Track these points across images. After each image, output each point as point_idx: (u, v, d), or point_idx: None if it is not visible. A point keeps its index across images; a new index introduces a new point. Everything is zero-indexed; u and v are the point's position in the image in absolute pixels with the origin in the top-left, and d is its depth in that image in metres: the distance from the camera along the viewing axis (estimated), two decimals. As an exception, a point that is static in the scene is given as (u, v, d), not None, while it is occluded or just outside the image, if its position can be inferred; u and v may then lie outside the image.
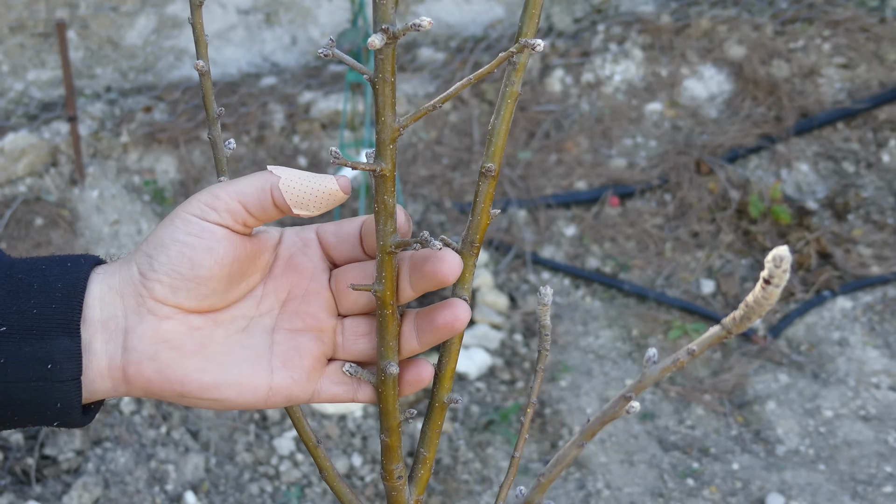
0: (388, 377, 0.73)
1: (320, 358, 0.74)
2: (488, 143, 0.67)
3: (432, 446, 0.77)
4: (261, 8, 4.08)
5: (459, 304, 0.70)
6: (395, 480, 0.77)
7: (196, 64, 0.69)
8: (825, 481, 2.82)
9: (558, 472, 0.63)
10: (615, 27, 4.33)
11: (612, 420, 0.58)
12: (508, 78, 0.65)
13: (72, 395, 0.68)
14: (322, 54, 0.60)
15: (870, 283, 3.51)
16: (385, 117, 0.63)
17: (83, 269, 0.69)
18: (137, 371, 0.69)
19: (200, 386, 0.70)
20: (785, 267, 0.50)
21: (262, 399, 0.72)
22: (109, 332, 0.69)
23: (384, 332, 0.72)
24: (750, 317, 0.52)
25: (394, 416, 0.75)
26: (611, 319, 3.43)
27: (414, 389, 0.74)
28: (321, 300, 0.74)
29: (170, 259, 0.68)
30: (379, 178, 0.66)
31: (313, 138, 3.91)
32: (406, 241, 0.68)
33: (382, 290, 0.70)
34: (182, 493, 2.69)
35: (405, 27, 0.58)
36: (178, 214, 0.69)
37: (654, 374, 0.56)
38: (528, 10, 0.61)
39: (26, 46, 3.78)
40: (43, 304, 0.67)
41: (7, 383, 0.66)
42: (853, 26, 4.26)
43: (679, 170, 3.86)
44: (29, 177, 3.57)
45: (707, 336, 0.55)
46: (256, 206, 0.69)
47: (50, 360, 0.66)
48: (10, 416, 0.68)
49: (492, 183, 0.68)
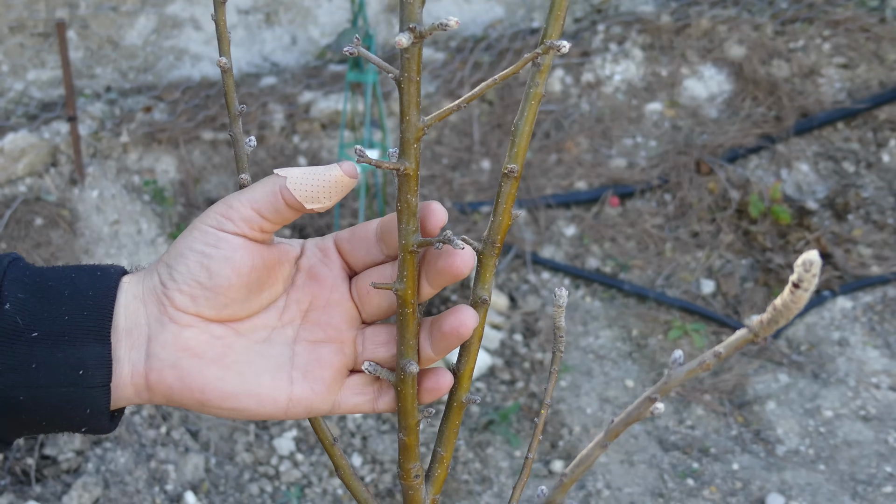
0: (408, 376, 0.73)
1: (341, 369, 0.74)
2: (511, 144, 0.67)
3: (449, 446, 0.78)
4: (261, 8, 4.08)
5: (465, 310, 0.71)
6: (412, 479, 0.77)
7: (219, 61, 0.70)
8: (825, 481, 2.82)
9: (581, 473, 0.63)
10: (615, 27, 4.33)
11: (636, 421, 0.58)
12: (532, 79, 0.65)
13: (101, 401, 0.68)
14: (348, 52, 0.60)
15: (870, 283, 3.51)
16: (410, 116, 0.63)
17: (112, 279, 0.70)
18: (159, 378, 0.70)
19: (221, 395, 0.71)
20: (815, 271, 0.50)
21: (281, 410, 0.73)
22: (133, 340, 0.70)
23: (404, 331, 0.72)
24: (777, 320, 0.52)
25: (412, 414, 0.75)
26: (611, 319, 3.43)
27: (434, 397, 0.75)
28: (343, 311, 0.75)
29: (188, 269, 0.69)
30: (402, 177, 0.66)
31: (313, 138, 3.91)
32: (428, 240, 0.68)
33: (404, 288, 0.70)
34: (182, 493, 2.69)
35: (432, 26, 0.58)
36: (196, 226, 0.70)
37: (680, 376, 0.56)
38: (554, 12, 0.61)
39: (26, 46, 3.77)
40: (74, 310, 0.68)
41: (38, 388, 0.66)
42: (853, 26, 4.27)
43: (679, 170, 3.86)
44: (29, 177, 3.56)
45: (734, 339, 0.56)
46: (270, 210, 0.70)
47: (82, 365, 0.67)
48: (39, 420, 0.68)
49: (514, 184, 0.68)
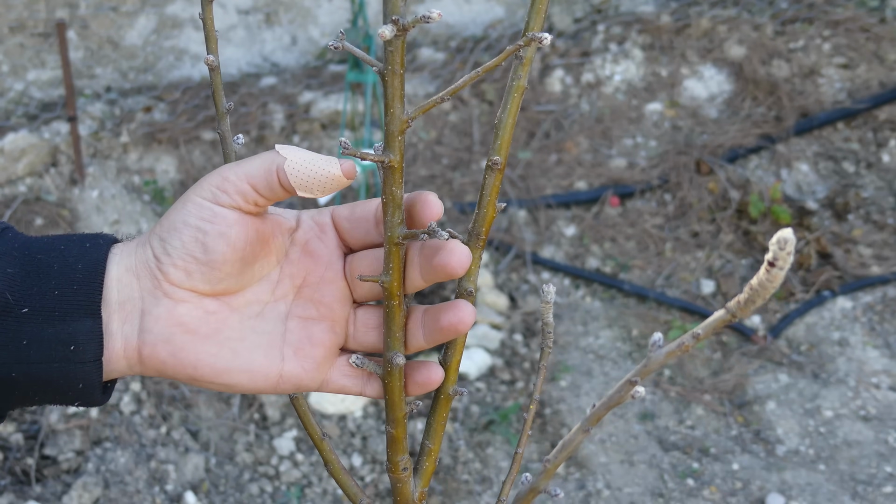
0: (395, 368, 0.73)
1: (332, 348, 0.75)
2: (495, 137, 0.67)
3: (437, 438, 0.78)
4: (261, 8, 4.09)
5: (465, 306, 0.71)
6: (400, 472, 0.78)
7: (206, 59, 0.70)
8: (825, 481, 2.82)
9: (565, 457, 0.63)
10: (615, 27, 4.33)
11: (617, 405, 0.58)
12: (515, 72, 0.65)
13: (93, 376, 0.68)
14: (332, 47, 0.61)
15: (870, 283, 3.51)
16: (394, 109, 0.63)
17: (102, 250, 0.70)
18: (152, 353, 0.70)
19: (213, 371, 0.71)
20: (789, 249, 0.50)
21: (272, 385, 0.73)
22: (126, 314, 0.69)
23: (391, 324, 0.72)
24: (754, 300, 0.52)
25: (399, 407, 0.75)
26: (611, 319, 3.43)
27: (423, 391, 0.75)
28: (336, 289, 0.75)
29: (183, 243, 0.69)
30: (387, 169, 0.66)
31: (313, 138, 3.91)
32: (413, 231, 0.69)
33: (390, 280, 0.71)
34: (182, 493, 2.69)
35: (415, 19, 0.59)
36: (190, 198, 0.69)
37: (659, 359, 0.56)
38: (536, 5, 0.61)
39: (26, 46, 3.78)
40: (64, 285, 0.67)
41: (30, 364, 0.67)
42: (853, 26, 4.27)
43: (679, 170, 3.86)
44: (29, 177, 3.57)
45: (712, 320, 0.56)
46: (265, 187, 0.69)
47: (73, 341, 0.67)
48: (32, 395, 0.68)
49: (498, 176, 0.68)
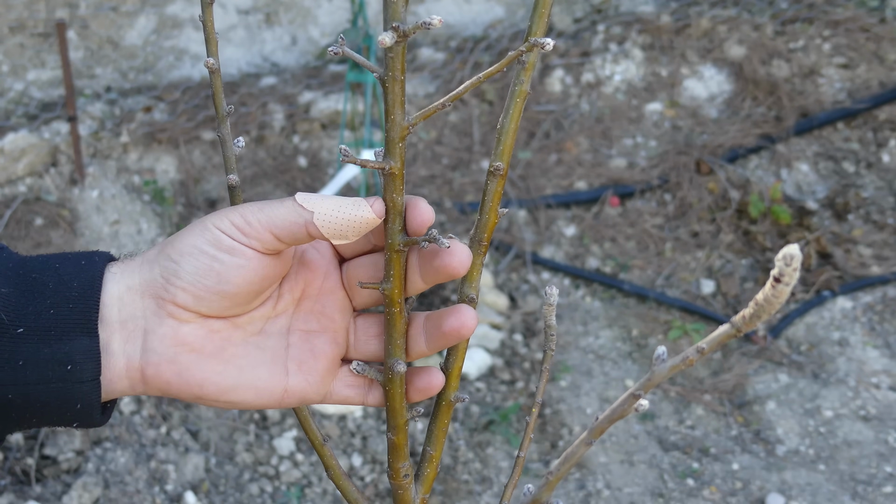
0: (396, 375, 0.73)
1: (334, 360, 0.74)
2: (497, 142, 0.67)
3: (439, 445, 0.77)
4: (261, 8, 4.08)
5: (467, 310, 0.70)
6: (401, 479, 0.77)
7: (206, 61, 0.69)
8: (825, 481, 2.82)
9: (566, 470, 0.63)
10: (615, 27, 4.33)
11: (621, 418, 0.58)
12: (517, 77, 0.65)
13: (92, 396, 0.67)
14: (332, 52, 0.60)
15: (870, 283, 3.51)
16: (394, 115, 0.63)
17: (98, 268, 0.69)
18: (156, 373, 0.69)
19: (219, 389, 0.70)
20: (795, 265, 0.50)
21: (276, 401, 0.73)
22: (128, 333, 0.68)
23: (392, 331, 0.72)
24: (760, 315, 0.52)
25: (401, 414, 0.75)
26: (611, 319, 3.43)
27: (424, 396, 0.75)
28: (335, 300, 0.74)
29: (196, 270, 0.67)
30: (388, 176, 0.66)
31: (313, 138, 3.91)
32: (414, 238, 0.68)
33: (391, 288, 0.70)
34: (182, 493, 2.69)
35: (415, 26, 0.58)
36: (206, 226, 0.68)
37: (663, 372, 0.56)
38: (538, 10, 0.60)
39: (26, 46, 3.77)
40: (59, 303, 0.66)
41: (27, 385, 0.65)
42: (853, 26, 4.27)
43: (679, 170, 3.86)
44: (29, 177, 3.57)
45: (717, 334, 0.55)
46: (289, 238, 0.68)
47: (70, 360, 0.66)
48: (30, 417, 0.67)
49: (500, 181, 0.67)
